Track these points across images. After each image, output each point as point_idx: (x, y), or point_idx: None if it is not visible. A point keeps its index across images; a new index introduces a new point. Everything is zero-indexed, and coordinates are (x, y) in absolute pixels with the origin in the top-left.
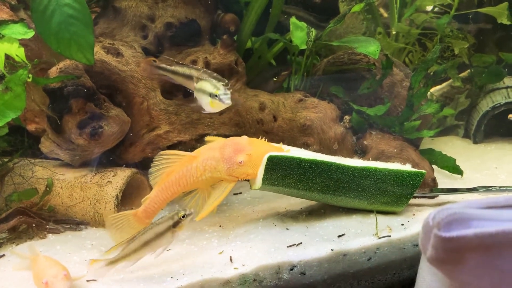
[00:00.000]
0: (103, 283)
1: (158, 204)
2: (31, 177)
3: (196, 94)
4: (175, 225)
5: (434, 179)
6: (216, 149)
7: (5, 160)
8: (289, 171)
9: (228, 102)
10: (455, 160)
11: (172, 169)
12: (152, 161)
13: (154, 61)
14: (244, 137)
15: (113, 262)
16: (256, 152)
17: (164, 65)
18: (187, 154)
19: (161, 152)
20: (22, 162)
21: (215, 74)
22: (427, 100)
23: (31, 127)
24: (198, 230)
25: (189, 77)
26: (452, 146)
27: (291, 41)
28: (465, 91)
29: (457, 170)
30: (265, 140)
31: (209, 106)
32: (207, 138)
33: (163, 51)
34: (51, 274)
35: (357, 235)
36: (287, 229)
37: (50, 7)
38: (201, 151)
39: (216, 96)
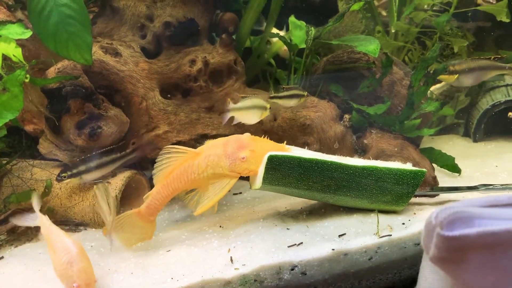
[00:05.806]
0: (102, 283)
1: (160, 200)
2: (30, 179)
3: (241, 113)
4: None
5: (434, 178)
6: (219, 145)
7: (3, 161)
8: (290, 170)
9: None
10: (454, 158)
11: (174, 165)
12: (158, 156)
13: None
14: (247, 134)
15: None
16: (259, 149)
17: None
18: (191, 150)
19: (166, 147)
20: (21, 164)
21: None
22: (427, 99)
23: (29, 128)
24: (198, 230)
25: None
26: (452, 145)
27: (290, 40)
28: (465, 90)
29: (455, 169)
30: (267, 138)
31: (259, 118)
32: (208, 141)
33: (162, 51)
34: (85, 281)
35: (358, 234)
36: (287, 229)
37: (47, 8)
38: (204, 148)
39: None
